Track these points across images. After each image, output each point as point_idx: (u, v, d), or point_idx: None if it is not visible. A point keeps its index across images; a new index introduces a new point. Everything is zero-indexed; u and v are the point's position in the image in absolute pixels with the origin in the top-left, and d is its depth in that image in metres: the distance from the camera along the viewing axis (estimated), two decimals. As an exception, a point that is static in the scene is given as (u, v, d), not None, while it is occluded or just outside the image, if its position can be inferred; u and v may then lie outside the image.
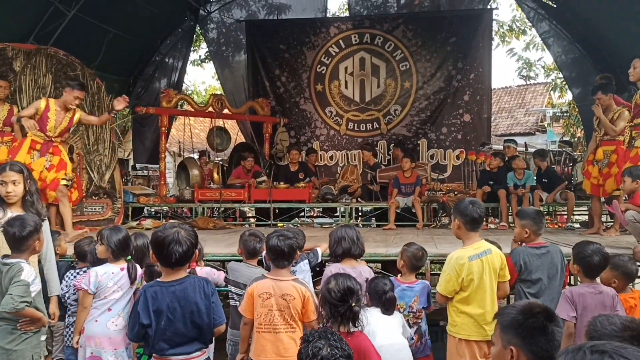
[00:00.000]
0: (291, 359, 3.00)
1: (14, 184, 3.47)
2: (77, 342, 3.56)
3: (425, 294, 3.73)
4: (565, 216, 7.77)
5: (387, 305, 3.32)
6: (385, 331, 3.21)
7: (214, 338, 2.93)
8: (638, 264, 4.40)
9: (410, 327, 3.61)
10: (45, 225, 3.66)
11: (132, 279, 3.56)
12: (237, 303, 3.86)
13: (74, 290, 3.88)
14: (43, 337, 3.22)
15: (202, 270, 3.94)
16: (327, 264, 4.15)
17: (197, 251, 3.88)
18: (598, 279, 3.33)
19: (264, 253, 4.24)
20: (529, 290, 3.65)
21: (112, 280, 3.53)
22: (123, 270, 3.57)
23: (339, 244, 3.79)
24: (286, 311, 3.04)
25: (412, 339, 3.62)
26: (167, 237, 2.62)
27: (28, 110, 5.96)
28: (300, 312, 3.06)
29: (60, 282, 3.97)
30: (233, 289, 3.90)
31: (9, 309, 2.93)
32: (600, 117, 5.92)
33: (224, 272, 4.15)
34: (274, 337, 3.04)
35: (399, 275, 3.91)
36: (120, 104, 6.20)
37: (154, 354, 2.69)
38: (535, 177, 7.48)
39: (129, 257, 3.68)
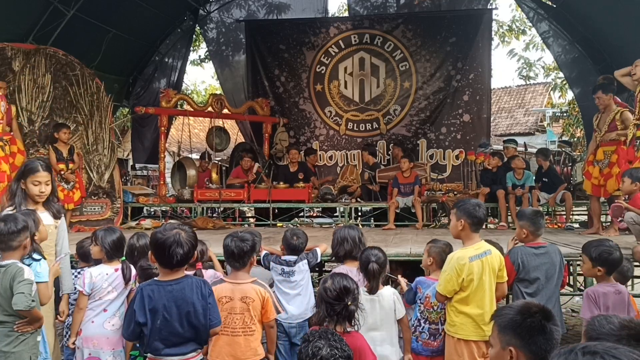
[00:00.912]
0: None
1: (47, 184, 3.57)
2: (73, 343, 3.56)
3: None
4: (565, 216, 7.77)
5: (370, 277, 3.31)
6: (366, 325, 3.24)
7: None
8: (636, 264, 4.41)
9: (442, 324, 3.59)
10: (62, 223, 3.73)
11: (127, 279, 3.56)
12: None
13: (75, 290, 3.88)
14: (39, 338, 3.22)
15: (207, 273, 3.95)
16: (326, 264, 4.16)
17: (197, 252, 3.89)
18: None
19: (262, 253, 4.25)
20: (526, 290, 3.66)
21: (106, 281, 3.52)
22: (117, 271, 3.56)
23: (341, 245, 3.80)
24: (246, 314, 3.08)
25: (441, 335, 3.57)
26: (168, 239, 2.61)
27: None
28: (260, 314, 3.12)
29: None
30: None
31: (23, 307, 2.94)
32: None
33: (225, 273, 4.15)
34: (231, 339, 3.06)
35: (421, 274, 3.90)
36: None
37: (149, 354, 2.67)
38: (535, 176, 7.47)
39: (124, 257, 3.68)
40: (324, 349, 2.16)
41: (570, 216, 7.42)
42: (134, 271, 3.65)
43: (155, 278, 2.80)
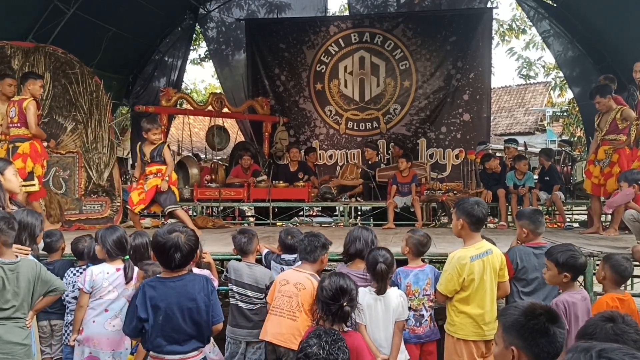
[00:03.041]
0: (286, 345, 3.17)
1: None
2: (74, 340, 3.55)
3: (435, 277, 3.76)
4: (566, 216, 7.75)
5: (379, 278, 3.30)
6: (373, 324, 3.25)
7: (212, 337, 2.93)
8: (636, 263, 4.40)
9: (426, 310, 3.68)
10: None
11: (128, 279, 3.55)
12: (238, 302, 3.87)
13: (73, 287, 3.87)
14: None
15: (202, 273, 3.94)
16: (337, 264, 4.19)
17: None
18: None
19: (264, 252, 4.25)
20: (524, 289, 3.65)
21: (107, 280, 3.52)
22: (119, 270, 3.55)
23: (353, 244, 3.79)
24: (294, 298, 3.15)
25: (426, 320, 3.67)
26: (168, 242, 2.63)
27: None
28: (309, 304, 3.18)
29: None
30: (235, 288, 3.90)
31: (65, 288, 3.20)
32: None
33: (225, 271, 4.15)
34: (277, 319, 3.19)
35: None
36: None
37: (150, 351, 2.68)
38: (538, 176, 7.46)
39: (127, 256, 3.66)
40: (311, 348, 2.16)
41: (567, 216, 7.39)
42: (136, 271, 3.64)
43: (158, 275, 2.82)
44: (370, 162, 9.06)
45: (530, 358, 1.77)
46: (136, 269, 3.63)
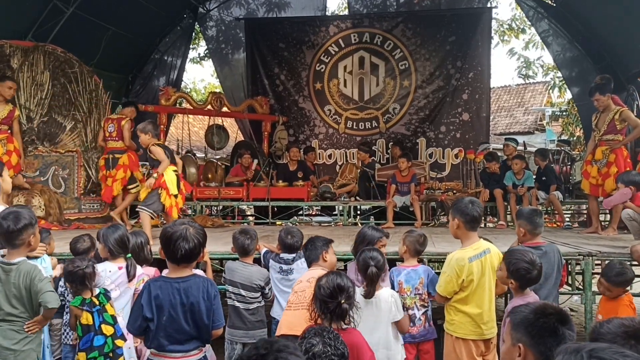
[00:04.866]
0: (297, 334, 3.16)
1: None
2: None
3: (427, 277, 3.76)
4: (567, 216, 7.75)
5: (369, 282, 3.23)
6: (365, 325, 3.21)
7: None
8: (635, 263, 4.41)
9: (418, 309, 3.67)
10: None
11: (131, 277, 3.56)
12: (234, 302, 3.87)
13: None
14: (42, 336, 3.24)
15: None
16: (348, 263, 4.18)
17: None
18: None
19: (263, 251, 4.25)
20: (524, 290, 3.64)
21: (109, 278, 3.53)
22: (121, 269, 3.56)
23: (362, 244, 3.77)
24: (307, 291, 3.14)
25: (420, 319, 3.70)
26: (175, 233, 2.64)
27: None
28: None
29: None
30: (230, 288, 3.90)
31: (56, 304, 3.01)
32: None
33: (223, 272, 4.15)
34: (292, 313, 3.17)
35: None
36: None
37: (152, 350, 2.69)
38: (535, 176, 7.46)
39: (129, 254, 3.67)
40: (317, 346, 2.15)
41: (566, 215, 7.40)
42: (139, 270, 3.65)
43: (164, 274, 2.81)
44: (365, 163, 9.06)
45: (536, 356, 1.76)
46: (139, 268, 3.61)
